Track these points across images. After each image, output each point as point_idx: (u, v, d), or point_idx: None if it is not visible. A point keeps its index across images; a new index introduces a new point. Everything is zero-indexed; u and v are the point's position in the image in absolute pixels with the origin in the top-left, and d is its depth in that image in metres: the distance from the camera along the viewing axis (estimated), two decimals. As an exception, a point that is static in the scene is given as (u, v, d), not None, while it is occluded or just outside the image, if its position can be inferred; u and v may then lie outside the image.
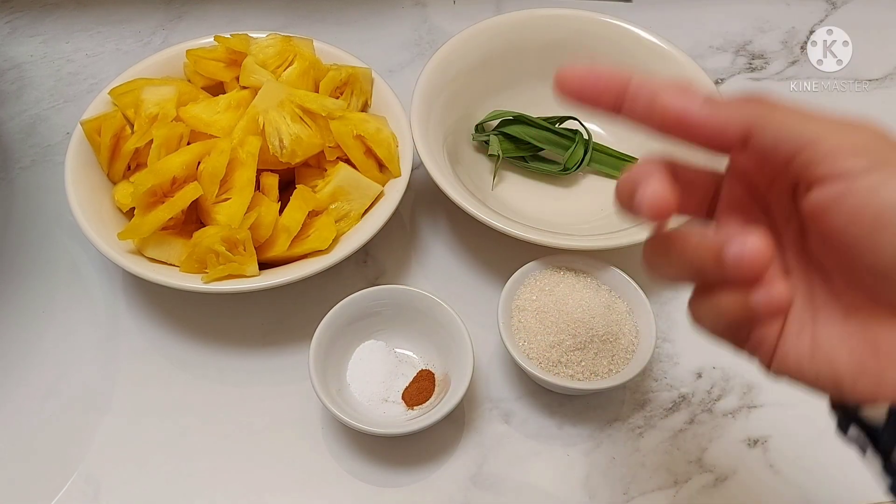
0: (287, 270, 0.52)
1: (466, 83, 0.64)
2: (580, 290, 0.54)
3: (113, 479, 0.51)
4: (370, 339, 0.54)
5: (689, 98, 0.29)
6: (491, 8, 0.77)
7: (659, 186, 0.29)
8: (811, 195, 0.28)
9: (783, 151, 0.28)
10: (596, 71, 0.31)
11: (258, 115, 0.55)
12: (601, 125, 0.68)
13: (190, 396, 0.54)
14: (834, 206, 0.27)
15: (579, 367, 0.52)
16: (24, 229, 0.61)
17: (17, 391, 0.54)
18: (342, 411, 0.49)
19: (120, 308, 0.58)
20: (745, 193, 0.32)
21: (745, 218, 0.32)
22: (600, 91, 0.31)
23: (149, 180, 0.51)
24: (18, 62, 0.72)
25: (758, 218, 0.32)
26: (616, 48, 0.65)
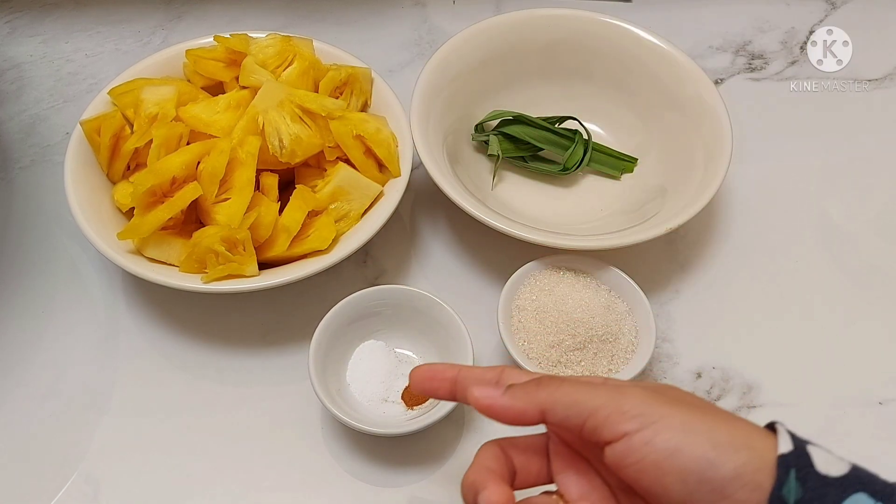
0: (287, 270, 0.52)
1: (466, 83, 0.64)
2: (580, 290, 0.54)
3: (113, 479, 0.51)
4: (370, 339, 0.54)
5: (492, 393, 0.36)
6: (491, 8, 0.77)
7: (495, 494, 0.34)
8: (605, 455, 0.34)
9: (573, 423, 0.34)
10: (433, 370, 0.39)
11: (258, 115, 0.55)
12: (601, 125, 0.68)
13: (190, 396, 0.54)
14: (622, 463, 0.33)
15: (579, 367, 0.52)
16: (23, 229, 0.61)
17: (16, 391, 0.54)
18: (342, 411, 0.49)
19: (119, 308, 0.58)
20: (570, 452, 0.38)
21: (577, 472, 0.37)
22: (436, 387, 0.39)
23: (148, 180, 0.51)
24: (18, 62, 0.72)
25: (587, 471, 0.37)
26: (616, 48, 0.65)
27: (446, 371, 0.39)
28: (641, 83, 0.65)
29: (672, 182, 0.61)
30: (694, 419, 0.33)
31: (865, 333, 0.59)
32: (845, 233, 0.65)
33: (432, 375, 0.39)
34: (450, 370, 0.39)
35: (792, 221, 0.65)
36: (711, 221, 0.64)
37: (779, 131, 0.71)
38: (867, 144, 0.70)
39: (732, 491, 0.31)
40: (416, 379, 0.40)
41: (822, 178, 0.68)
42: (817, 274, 0.62)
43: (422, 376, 0.40)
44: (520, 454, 0.38)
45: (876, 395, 0.56)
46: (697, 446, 0.32)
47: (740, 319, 0.59)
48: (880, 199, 0.67)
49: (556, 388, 0.35)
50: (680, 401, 0.34)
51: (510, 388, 0.36)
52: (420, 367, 0.40)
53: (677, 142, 0.63)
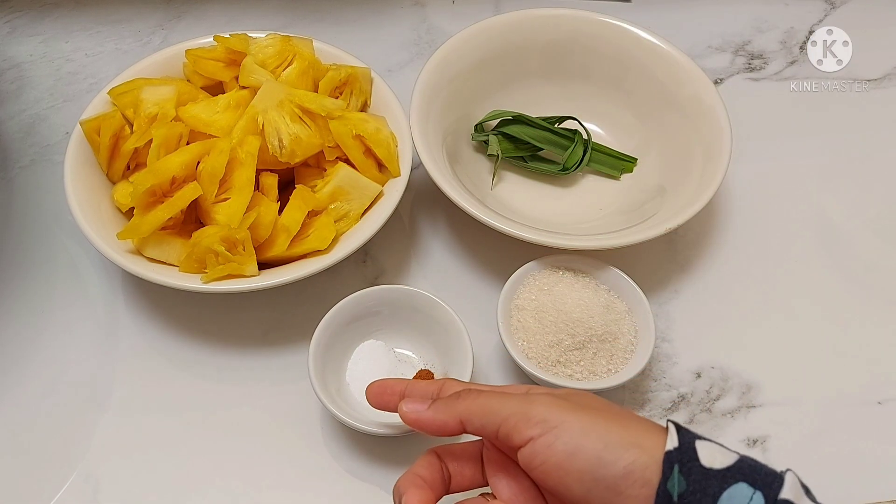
0: (286, 270, 0.52)
1: (466, 83, 0.64)
2: (579, 289, 0.54)
3: (112, 478, 0.51)
4: (369, 338, 0.54)
5: (418, 406, 0.40)
6: (490, 8, 0.77)
7: (413, 497, 0.38)
8: (518, 460, 0.37)
9: (489, 431, 0.38)
10: (383, 385, 0.44)
11: (257, 114, 0.55)
12: (601, 125, 0.68)
13: (189, 395, 0.54)
14: (530, 466, 0.36)
15: (578, 366, 0.52)
16: (23, 229, 0.61)
17: (16, 390, 0.54)
18: (341, 411, 0.49)
19: (119, 307, 0.58)
20: (501, 457, 0.40)
21: (508, 475, 0.40)
22: (387, 401, 0.44)
23: (148, 180, 0.51)
24: (18, 62, 0.72)
25: (517, 474, 0.39)
26: (615, 48, 0.65)
27: (396, 386, 0.44)
28: (641, 83, 0.65)
29: (671, 182, 0.61)
30: (591, 422, 0.36)
31: (865, 333, 0.59)
32: (844, 232, 0.65)
33: (383, 391, 0.44)
34: (398, 385, 0.43)
35: (791, 221, 0.65)
36: (711, 221, 0.64)
37: (778, 131, 0.71)
38: (866, 144, 0.70)
39: (625, 487, 0.34)
40: (370, 394, 0.44)
41: (821, 177, 0.68)
42: (816, 274, 0.62)
43: (374, 391, 0.44)
44: (454, 460, 0.41)
45: (876, 395, 0.56)
46: (591, 447, 0.35)
47: (740, 319, 0.59)
48: (879, 199, 0.67)
49: (472, 399, 0.39)
50: (583, 406, 0.37)
51: (434, 403, 0.40)
52: (373, 382, 0.44)
53: (677, 142, 0.63)
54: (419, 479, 0.39)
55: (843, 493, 0.51)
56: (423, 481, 0.39)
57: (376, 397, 0.44)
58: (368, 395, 0.44)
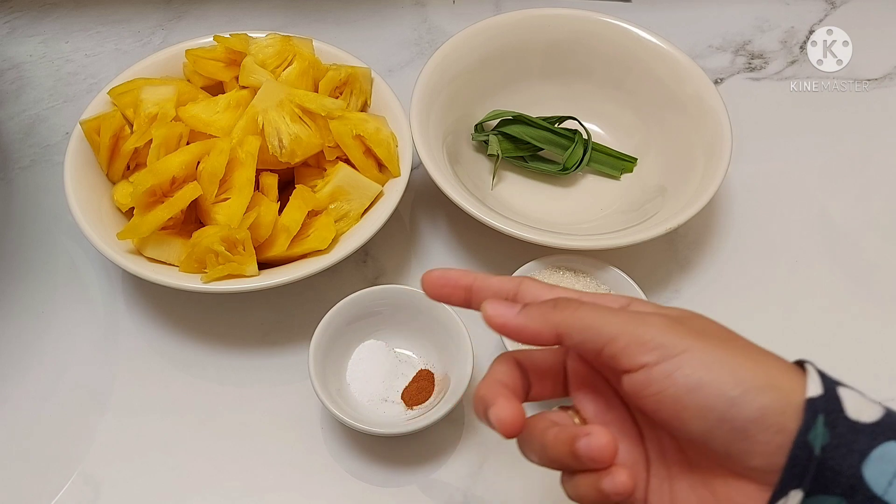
0: (286, 270, 0.52)
1: (466, 83, 0.64)
2: (580, 289, 0.54)
3: (112, 479, 0.51)
4: (370, 338, 0.54)
5: (506, 310, 0.35)
6: (490, 8, 0.77)
7: (505, 409, 0.34)
8: (622, 384, 0.32)
9: (589, 349, 0.33)
10: (446, 276, 0.37)
11: (257, 114, 0.55)
12: (601, 125, 0.68)
13: (189, 396, 0.54)
14: (640, 394, 0.32)
15: (579, 366, 0.51)
16: (23, 229, 0.61)
17: (16, 391, 0.54)
18: (342, 411, 0.49)
19: (119, 308, 0.58)
20: (588, 371, 0.36)
21: (595, 391, 0.36)
22: (449, 294, 0.37)
23: (148, 180, 0.51)
24: (17, 62, 0.72)
25: (605, 390, 0.36)
26: (615, 48, 0.65)
27: (461, 278, 0.37)
28: (641, 83, 0.65)
29: (672, 182, 0.61)
30: (717, 354, 0.32)
31: (865, 333, 0.59)
32: (845, 232, 0.65)
33: (445, 282, 0.37)
34: (465, 277, 0.37)
35: (792, 221, 0.65)
36: (711, 221, 0.64)
37: (779, 131, 0.71)
38: (867, 144, 0.70)
39: (755, 432, 0.30)
40: (429, 284, 0.38)
41: (821, 177, 0.68)
42: (817, 273, 0.62)
43: (434, 282, 0.38)
44: (535, 368, 0.37)
45: (876, 395, 0.56)
46: (719, 384, 0.31)
47: (740, 319, 0.59)
48: (880, 199, 0.67)
49: (573, 311, 0.34)
50: (704, 332, 0.33)
51: (525, 308, 0.35)
52: (433, 271, 0.38)
53: (677, 142, 0.63)
54: (504, 387, 0.35)
55: (844, 493, 0.51)
56: (507, 390, 0.35)
57: (436, 288, 0.37)
58: (427, 284, 0.38)
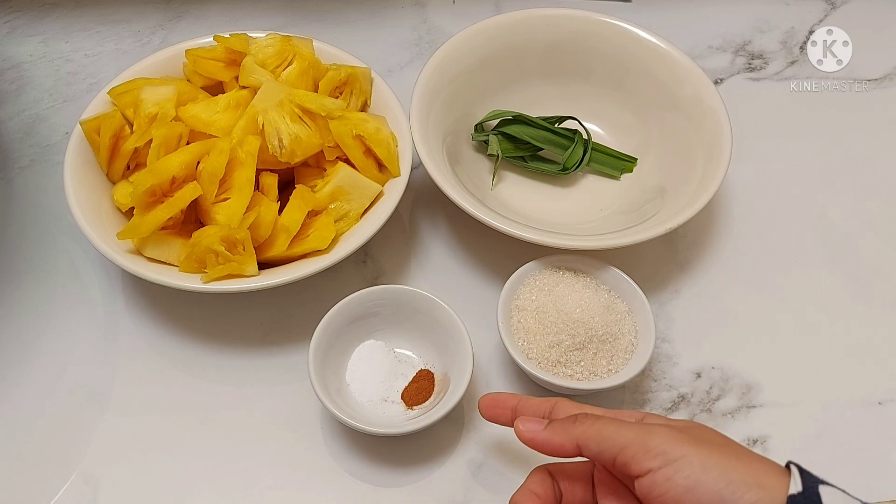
0: (286, 270, 0.52)
1: (466, 83, 0.64)
2: (579, 290, 0.54)
3: (112, 479, 0.51)
4: (370, 338, 0.54)
5: (535, 426, 0.41)
6: (490, 8, 0.77)
7: None
8: (635, 489, 0.37)
9: (605, 458, 0.38)
10: (497, 399, 0.46)
11: (257, 114, 0.55)
12: (601, 125, 0.68)
13: (189, 396, 0.54)
14: (648, 496, 0.36)
15: (578, 367, 0.52)
16: (23, 229, 0.61)
17: (15, 391, 0.54)
18: (342, 411, 0.49)
19: (119, 308, 0.58)
20: (613, 480, 0.42)
21: (619, 498, 0.41)
22: (499, 414, 0.46)
23: (148, 180, 0.51)
24: (17, 62, 0.72)
25: (628, 498, 0.41)
26: (615, 48, 0.65)
27: (508, 400, 0.45)
28: (641, 83, 0.65)
29: (672, 182, 0.61)
30: (712, 458, 0.36)
31: (865, 333, 0.59)
32: (845, 233, 0.65)
33: (496, 404, 0.46)
34: (511, 399, 0.45)
35: (792, 221, 0.65)
36: (711, 221, 0.64)
37: (778, 131, 0.71)
38: (867, 144, 0.70)
39: None
40: (483, 406, 0.46)
41: (821, 178, 0.68)
42: (817, 274, 0.62)
43: (487, 404, 0.46)
44: (566, 479, 0.43)
45: (876, 395, 0.56)
46: (712, 483, 0.35)
47: (740, 319, 0.59)
48: (880, 199, 0.67)
49: (589, 425, 0.39)
50: (702, 440, 0.37)
51: (550, 424, 0.41)
52: (487, 395, 0.46)
53: (677, 142, 0.63)
54: (534, 495, 0.41)
55: (844, 494, 0.51)
56: (537, 498, 0.41)
57: (489, 409, 0.46)
58: (482, 407, 0.46)
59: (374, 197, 0.56)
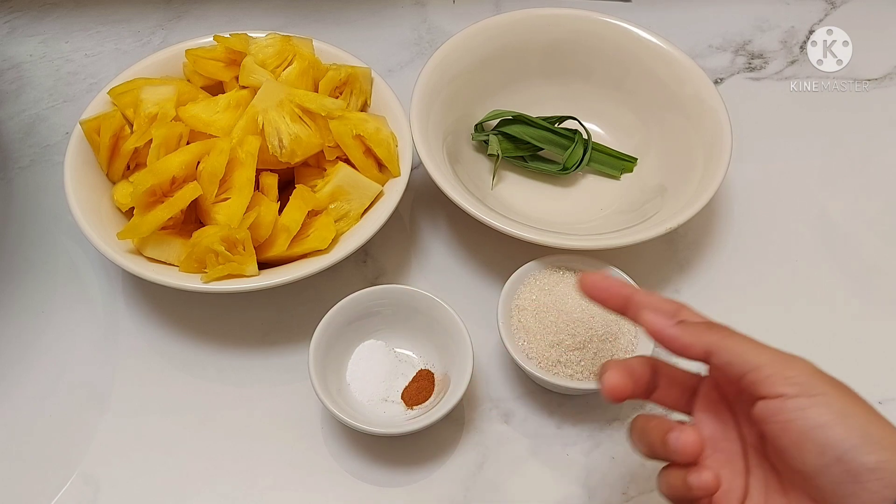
0: (286, 270, 0.52)
1: (466, 83, 0.64)
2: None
3: (112, 479, 0.51)
4: (370, 338, 0.54)
5: (664, 321, 0.39)
6: (490, 8, 0.77)
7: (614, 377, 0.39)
8: (755, 407, 0.36)
9: (734, 371, 0.37)
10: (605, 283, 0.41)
11: (257, 114, 0.55)
12: (601, 125, 0.68)
13: (189, 396, 0.54)
14: (770, 418, 0.36)
15: (578, 366, 0.52)
16: (23, 229, 0.61)
17: (15, 391, 0.54)
18: (342, 411, 0.49)
19: (119, 308, 0.58)
20: (719, 397, 0.41)
21: (716, 417, 0.40)
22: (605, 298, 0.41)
23: (148, 180, 0.51)
24: (17, 62, 0.72)
25: (726, 419, 0.40)
26: (615, 48, 0.65)
27: (621, 288, 0.41)
28: (641, 83, 0.65)
29: (672, 182, 0.61)
30: (852, 406, 0.35)
31: (865, 333, 0.59)
32: (845, 232, 0.65)
33: (605, 287, 0.41)
34: (624, 288, 0.41)
35: (792, 221, 0.65)
36: (711, 221, 0.64)
37: (779, 131, 0.71)
38: (867, 144, 0.70)
39: (868, 480, 0.33)
40: (586, 285, 0.41)
41: (821, 177, 0.68)
42: (817, 273, 0.62)
43: (593, 285, 0.41)
44: (667, 379, 0.42)
45: (876, 395, 0.56)
46: (848, 429, 0.34)
47: (740, 319, 0.59)
48: (880, 199, 0.67)
49: (725, 335, 0.38)
50: (846, 389, 0.37)
51: (681, 323, 0.39)
52: (592, 274, 0.42)
53: (677, 141, 0.63)
54: (628, 367, 0.40)
55: (844, 493, 0.51)
56: (630, 371, 0.40)
57: (593, 290, 0.41)
58: (585, 285, 0.41)
59: (374, 197, 0.56)
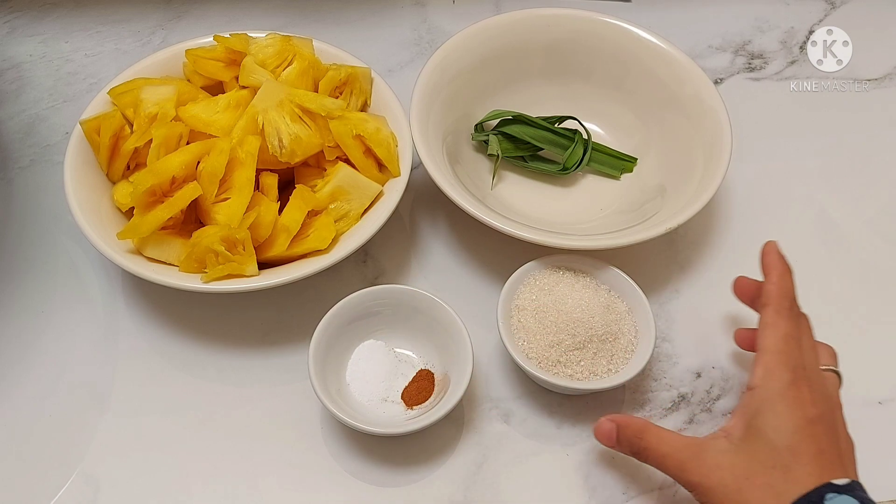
0: (286, 270, 0.52)
1: (466, 83, 0.64)
2: (579, 289, 0.54)
3: (112, 478, 0.51)
4: (370, 338, 0.54)
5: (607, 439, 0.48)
6: (490, 8, 0.77)
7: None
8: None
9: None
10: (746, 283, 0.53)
11: (257, 114, 0.55)
12: (601, 125, 0.68)
13: (189, 396, 0.54)
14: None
15: (578, 366, 0.52)
16: (23, 229, 0.61)
17: (15, 391, 0.54)
18: (342, 411, 0.49)
19: (119, 308, 0.58)
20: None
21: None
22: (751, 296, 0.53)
23: (148, 180, 0.51)
24: (17, 62, 0.72)
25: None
26: (615, 48, 0.65)
27: (753, 286, 0.53)
28: (641, 83, 0.65)
29: (672, 182, 0.61)
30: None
31: (865, 333, 0.59)
32: (845, 232, 0.65)
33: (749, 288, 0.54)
34: (755, 284, 0.53)
35: (791, 221, 0.65)
36: (711, 221, 0.64)
37: (778, 131, 0.71)
38: (867, 144, 0.70)
39: None
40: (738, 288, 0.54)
41: (821, 177, 0.68)
42: (816, 273, 0.62)
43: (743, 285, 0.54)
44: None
45: (876, 395, 0.56)
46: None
47: (740, 319, 0.59)
48: (880, 199, 0.67)
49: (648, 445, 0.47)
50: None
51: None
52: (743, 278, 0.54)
53: (677, 142, 0.63)
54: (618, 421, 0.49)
55: (844, 493, 0.51)
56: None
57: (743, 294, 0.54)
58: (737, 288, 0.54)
59: (374, 197, 0.56)
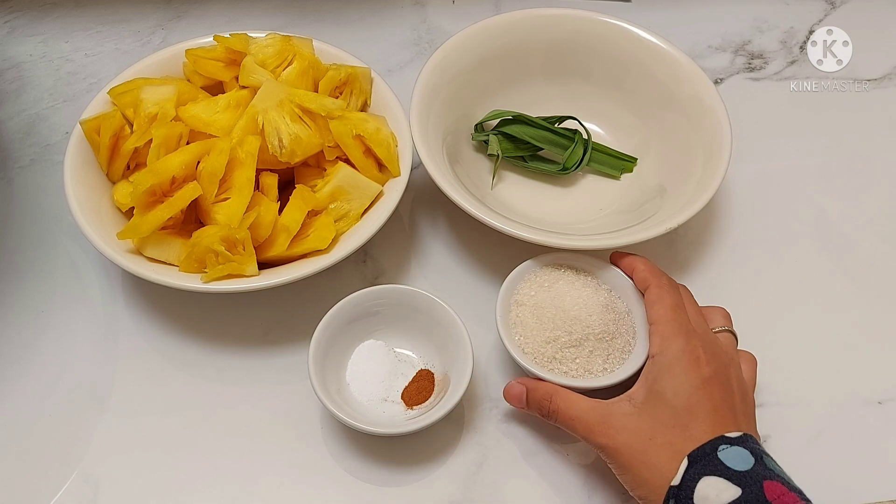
0: (286, 270, 0.52)
1: (466, 83, 0.64)
2: (579, 288, 0.54)
3: (112, 478, 0.51)
4: (369, 338, 0.54)
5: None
6: (490, 8, 0.77)
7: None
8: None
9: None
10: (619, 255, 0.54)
11: (257, 114, 0.55)
12: (601, 125, 0.68)
13: (189, 396, 0.54)
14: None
15: (574, 364, 0.51)
16: (22, 229, 0.61)
17: (15, 390, 0.54)
18: (342, 411, 0.49)
19: (119, 307, 0.58)
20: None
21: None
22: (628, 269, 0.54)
23: (148, 180, 0.51)
24: (17, 62, 0.72)
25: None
26: (615, 48, 0.65)
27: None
28: (641, 83, 0.65)
29: (671, 182, 0.61)
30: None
31: (865, 333, 0.59)
32: (844, 232, 0.65)
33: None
34: None
35: (791, 221, 0.65)
36: (711, 221, 0.64)
37: (778, 131, 0.71)
38: (866, 144, 0.70)
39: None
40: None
41: (821, 177, 0.68)
42: (816, 274, 0.62)
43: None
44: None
45: (876, 395, 0.56)
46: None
47: (739, 319, 0.59)
48: (879, 199, 0.67)
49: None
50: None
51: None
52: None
53: (677, 142, 0.63)
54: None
55: (843, 493, 0.51)
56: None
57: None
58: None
59: (374, 197, 0.56)
